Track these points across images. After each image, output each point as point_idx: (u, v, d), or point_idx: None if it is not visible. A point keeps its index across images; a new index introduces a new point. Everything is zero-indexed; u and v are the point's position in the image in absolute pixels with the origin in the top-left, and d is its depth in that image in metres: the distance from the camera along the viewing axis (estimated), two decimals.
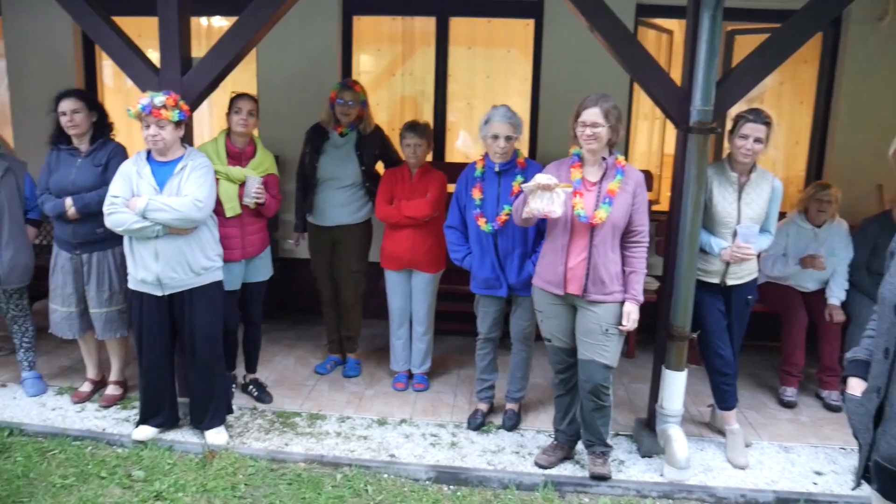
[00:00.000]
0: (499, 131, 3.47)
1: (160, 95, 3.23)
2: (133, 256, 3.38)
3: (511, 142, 3.50)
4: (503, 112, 3.49)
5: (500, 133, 3.47)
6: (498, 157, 3.53)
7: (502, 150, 3.49)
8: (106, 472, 3.31)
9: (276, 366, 4.62)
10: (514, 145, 3.55)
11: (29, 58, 5.67)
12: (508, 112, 3.49)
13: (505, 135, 3.46)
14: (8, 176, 3.85)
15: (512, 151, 3.55)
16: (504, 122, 3.46)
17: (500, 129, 3.47)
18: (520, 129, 3.54)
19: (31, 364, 4.20)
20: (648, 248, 3.16)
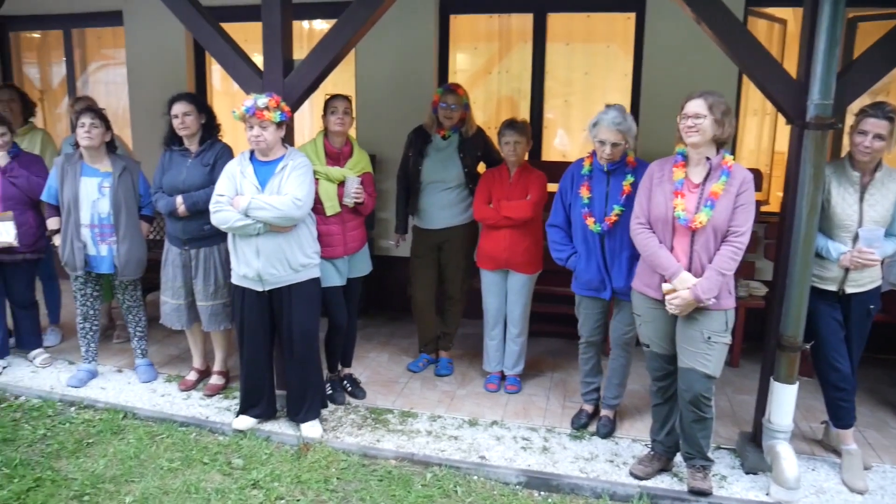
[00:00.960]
0: (605, 138, 3.34)
1: (263, 97, 3.33)
2: (236, 253, 3.52)
3: (617, 148, 3.36)
4: (613, 117, 3.31)
5: (605, 139, 3.34)
6: (604, 161, 3.41)
7: (608, 156, 3.37)
8: (208, 458, 3.46)
9: (370, 362, 4.69)
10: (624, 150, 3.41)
11: (146, 65, 6.03)
12: (619, 117, 3.31)
13: (611, 142, 3.34)
14: (125, 175, 4.10)
15: (620, 154, 3.41)
16: (612, 129, 3.31)
17: (606, 136, 3.33)
18: (632, 135, 3.37)
19: (143, 352, 4.47)
20: (742, 251, 2.90)
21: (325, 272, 3.74)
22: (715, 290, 2.87)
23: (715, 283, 2.86)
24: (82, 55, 6.65)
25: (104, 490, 3.18)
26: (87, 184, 4.04)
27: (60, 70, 6.74)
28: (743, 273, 4.62)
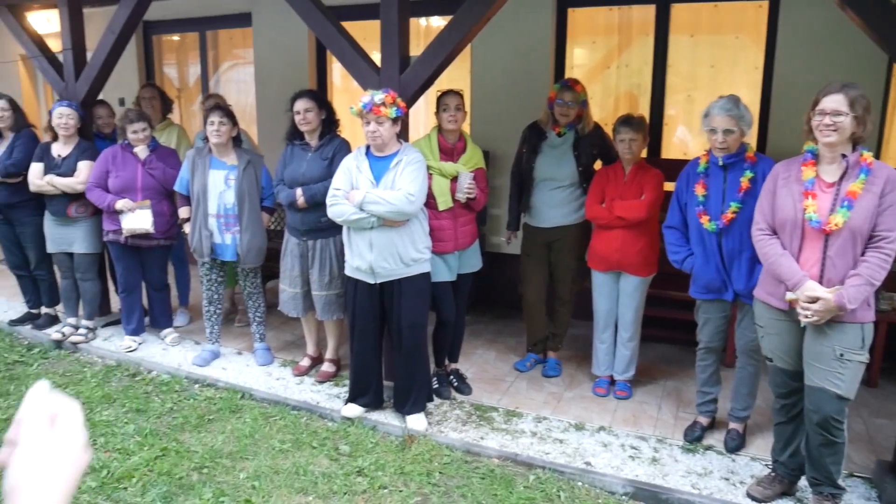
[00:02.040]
0: (716, 125, 3.17)
1: (379, 94, 3.39)
2: (350, 245, 3.61)
3: (731, 136, 3.17)
4: (722, 104, 3.17)
5: (717, 127, 3.16)
6: (718, 152, 3.23)
7: (720, 144, 3.18)
8: (317, 442, 3.58)
9: (477, 359, 4.68)
10: (741, 139, 3.22)
11: (272, 64, 6.32)
12: (729, 104, 3.16)
13: (723, 128, 3.15)
14: (249, 168, 4.31)
15: (737, 145, 3.21)
16: (723, 115, 3.15)
17: (717, 123, 3.16)
18: (746, 122, 3.18)
19: (261, 337, 4.69)
20: (892, 258, 2.61)
21: (435, 267, 3.76)
22: (860, 301, 2.62)
23: (862, 293, 2.61)
24: (215, 56, 7.07)
25: (221, 465, 3.36)
26: (215, 176, 4.28)
27: (196, 70, 7.20)
28: (884, 284, 4.22)
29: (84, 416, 2.60)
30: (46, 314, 5.30)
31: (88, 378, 4.40)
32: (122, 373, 4.51)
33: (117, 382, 4.36)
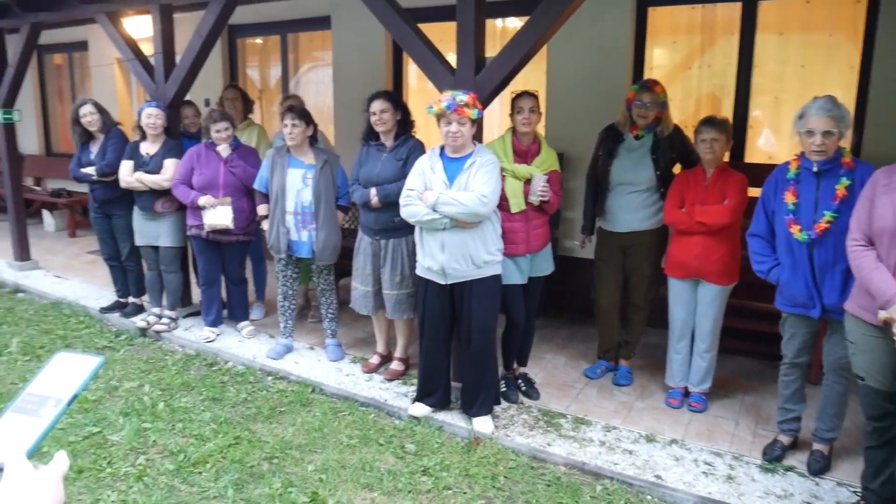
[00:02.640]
0: (814, 126, 2.99)
1: (461, 94, 3.39)
2: (422, 245, 3.62)
3: (830, 138, 2.99)
4: (821, 104, 2.98)
5: (815, 128, 2.99)
6: (815, 156, 3.05)
7: (818, 147, 3.00)
8: (384, 439, 3.61)
9: (546, 364, 4.62)
10: (838, 143, 3.04)
11: (350, 65, 6.44)
12: (828, 104, 2.97)
13: (822, 130, 2.97)
14: (326, 168, 4.39)
15: (834, 149, 3.03)
16: (822, 116, 2.96)
17: (815, 124, 2.98)
18: (846, 124, 2.99)
19: (333, 333, 4.77)
20: None
21: (506, 269, 3.73)
22: None
23: None
24: (295, 58, 7.26)
25: (290, 456, 3.43)
26: (293, 175, 4.39)
27: (277, 72, 7.42)
28: None
29: (165, 401, 2.69)
30: (133, 303, 5.57)
31: (169, 365, 4.59)
32: (200, 362, 4.69)
33: (196, 371, 4.53)
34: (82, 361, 0.91)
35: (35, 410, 0.85)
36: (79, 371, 0.90)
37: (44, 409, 0.85)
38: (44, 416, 0.85)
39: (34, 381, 0.89)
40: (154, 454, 3.45)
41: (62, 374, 0.89)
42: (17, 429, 0.84)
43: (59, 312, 5.70)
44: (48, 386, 0.88)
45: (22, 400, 0.87)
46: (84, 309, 5.73)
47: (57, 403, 0.86)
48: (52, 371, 0.90)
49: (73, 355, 0.92)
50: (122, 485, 3.17)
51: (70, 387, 0.88)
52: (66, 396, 0.87)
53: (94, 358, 0.91)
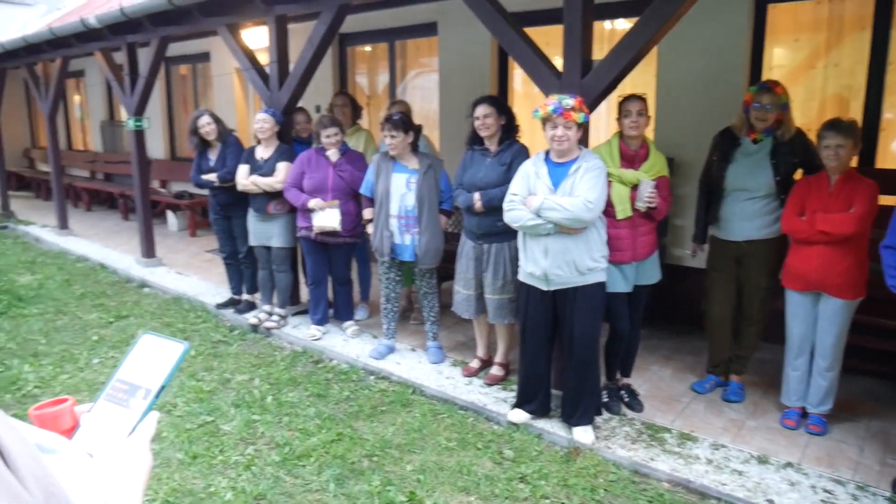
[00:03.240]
0: None
1: (568, 98, 3.34)
2: (525, 251, 3.60)
3: None
4: None
5: None
6: None
7: None
8: (482, 444, 3.60)
9: (651, 375, 4.47)
10: None
11: (455, 71, 6.50)
12: None
13: None
14: (429, 172, 4.45)
15: None
16: None
17: None
18: None
19: (434, 335, 4.82)
20: None
21: (611, 277, 3.64)
22: None
23: None
24: (403, 64, 7.41)
25: (390, 455, 3.49)
26: (397, 179, 4.48)
27: (385, 78, 7.60)
28: None
29: (273, 395, 2.79)
30: (246, 300, 5.86)
31: (278, 361, 4.79)
32: (306, 359, 4.86)
33: (302, 367, 4.70)
34: (168, 347, 0.90)
35: (125, 401, 0.87)
36: (165, 358, 0.89)
37: (133, 401, 0.87)
38: (133, 408, 0.86)
39: (123, 365, 0.90)
40: (262, 445, 3.61)
41: (149, 358, 0.90)
42: (111, 420, 0.86)
43: (180, 307, 6.08)
44: (137, 372, 0.89)
45: (112, 387, 0.88)
46: (202, 304, 6.08)
47: (146, 395, 0.87)
48: (140, 354, 0.90)
49: (159, 338, 0.91)
50: (231, 472, 3.33)
51: (158, 377, 0.88)
52: (154, 387, 0.87)
53: (178, 344, 0.90)
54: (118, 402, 0.87)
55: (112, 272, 7.41)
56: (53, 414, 0.86)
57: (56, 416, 0.86)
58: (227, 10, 5.48)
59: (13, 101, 13.73)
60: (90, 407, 0.88)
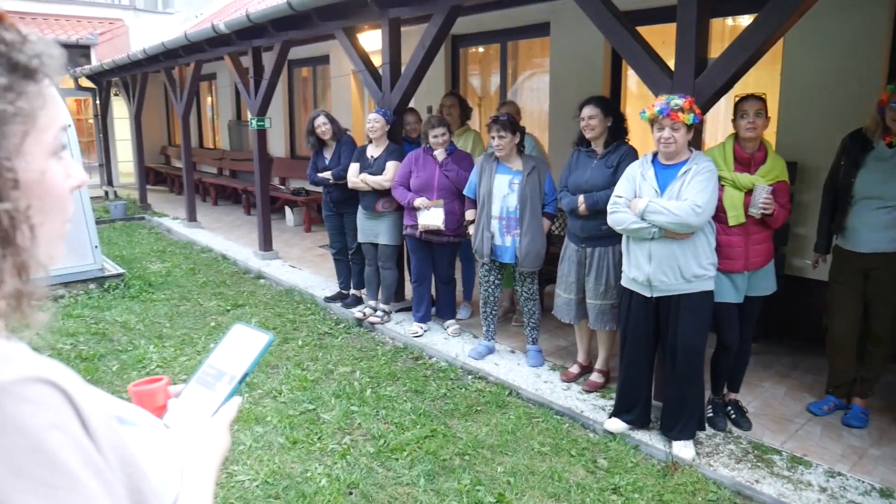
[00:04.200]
0: None
1: (676, 98, 3.22)
2: (628, 255, 3.49)
3: None
4: None
5: None
6: None
7: None
8: (575, 451, 3.53)
9: (763, 392, 4.21)
10: None
11: (567, 71, 6.40)
12: None
13: None
14: (533, 174, 4.42)
15: None
16: None
17: None
18: None
19: (534, 339, 4.77)
20: None
21: (720, 286, 3.46)
22: None
23: None
24: (514, 65, 7.39)
25: (481, 455, 3.49)
26: (500, 180, 4.47)
27: (496, 79, 7.61)
28: None
29: (372, 388, 2.85)
30: (353, 295, 6.05)
31: (379, 356, 4.92)
32: (407, 355, 4.96)
33: (402, 363, 4.80)
34: (255, 337, 0.96)
35: (212, 384, 0.93)
36: (251, 347, 0.95)
37: (219, 385, 0.93)
38: (218, 391, 0.93)
39: (215, 352, 0.97)
40: (358, 436, 3.71)
41: (238, 347, 0.96)
42: (199, 401, 0.93)
43: (291, 298, 6.37)
44: (225, 359, 0.95)
45: (203, 371, 0.95)
46: (312, 297, 6.34)
47: (230, 381, 0.93)
48: (230, 342, 0.97)
49: (249, 329, 0.97)
50: (328, 459, 3.45)
51: (242, 364, 0.94)
52: (238, 374, 0.93)
53: (264, 335, 0.96)
54: (206, 385, 0.94)
55: (232, 263, 7.87)
56: (149, 391, 0.93)
57: (152, 393, 0.93)
58: (344, 14, 5.68)
59: (153, 103, 14.90)
60: (183, 387, 0.95)
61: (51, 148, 0.71)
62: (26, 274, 0.67)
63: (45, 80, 0.70)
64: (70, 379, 0.63)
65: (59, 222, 0.73)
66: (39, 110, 0.69)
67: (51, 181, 0.70)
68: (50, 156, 0.71)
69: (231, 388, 0.93)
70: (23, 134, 0.67)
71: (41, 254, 0.70)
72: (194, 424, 0.89)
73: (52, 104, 0.71)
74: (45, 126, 0.70)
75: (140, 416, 0.80)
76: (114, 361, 4.78)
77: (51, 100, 0.71)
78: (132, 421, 0.77)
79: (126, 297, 6.39)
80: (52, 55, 0.70)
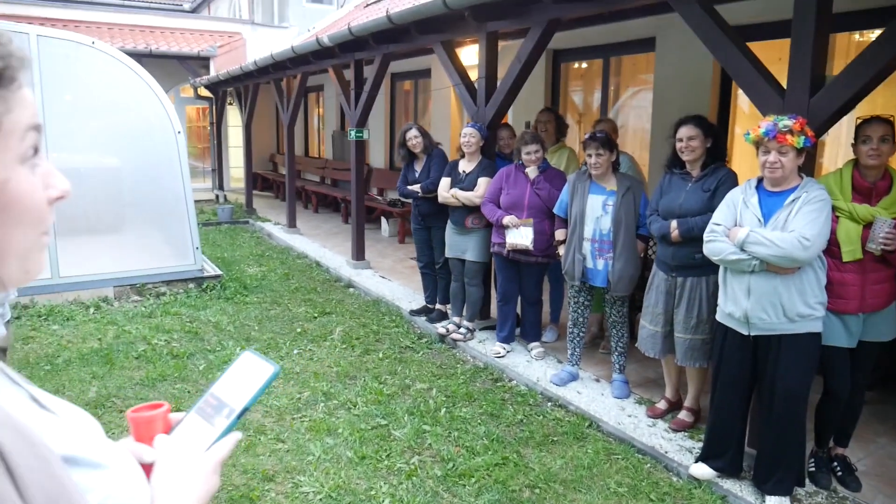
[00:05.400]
0: None
1: (785, 119, 2.95)
2: (725, 288, 3.23)
3: None
4: None
5: None
6: None
7: None
8: (655, 495, 3.28)
9: (876, 450, 3.77)
10: None
11: (671, 88, 6.11)
12: None
13: None
14: (628, 195, 4.20)
15: None
16: None
17: None
18: None
19: (621, 368, 4.53)
20: None
21: (829, 328, 3.13)
22: None
23: None
24: (617, 81, 7.15)
25: (553, 490, 3.31)
26: (593, 201, 4.28)
27: (599, 95, 7.38)
28: None
29: (447, 407, 2.71)
30: (439, 310, 5.99)
31: (458, 374, 4.81)
32: (486, 375, 4.83)
33: (480, 384, 4.67)
34: (261, 368, 0.90)
35: (211, 417, 0.88)
36: (256, 378, 0.89)
37: (218, 419, 0.87)
38: (216, 425, 0.87)
39: (220, 380, 0.91)
40: (427, 456, 3.62)
41: (244, 377, 0.90)
42: (195, 433, 0.87)
43: (377, 309, 6.39)
44: (229, 389, 0.90)
45: (205, 401, 0.90)
46: (397, 309, 6.34)
47: (229, 414, 0.87)
48: (237, 371, 0.91)
49: (256, 358, 0.92)
50: (394, 479, 3.37)
51: (244, 396, 0.88)
52: (238, 408, 0.88)
53: (270, 366, 0.90)
54: (206, 416, 0.89)
55: (325, 270, 8.03)
56: (147, 419, 0.89)
57: (150, 420, 0.89)
58: (442, 28, 5.67)
59: (264, 112, 15.59)
60: (183, 416, 0.90)
61: (17, 154, 0.66)
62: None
63: (15, 83, 0.65)
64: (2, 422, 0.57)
65: (31, 234, 0.68)
66: (4, 115, 0.64)
67: (15, 191, 0.65)
68: (17, 163, 0.66)
69: (229, 422, 0.87)
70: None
71: (3, 269, 0.66)
72: (180, 461, 0.82)
73: (19, 108, 0.66)
74: (10, 131, 0.65)
75: (109, 457, 0.73)
76: (201, 360, 4.94)
77: (18, 103, 0.66)
78: (97, 462, 0.70)
79: (221, 298, 6.63)
80: (16, 56, 0.65)
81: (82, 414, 0.79)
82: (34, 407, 0.70)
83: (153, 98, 6.71)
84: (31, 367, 4.78)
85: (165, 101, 6.79)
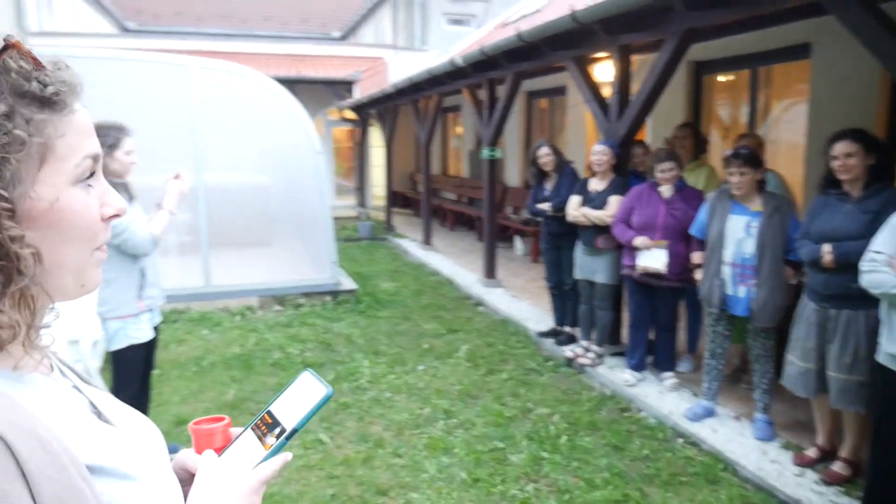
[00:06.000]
0: None
1: None
2: (890, 325, 2.84)
3: None
4: None
5: None
6: None
7: None
8: None
9: None
10: None
11: (831, 99, 5.57)
12: None
13: None
14: (775, 216, 3.84)
15: None
16: None
17: None
18: None
19: (765, 407, 4.12)
20: None
21: None
22: None
23: None
24: (767, 93, 6.63)
25: None
26: (735, 222, 3.96)
27: (747, 109, 6.89)
28: None
29: (568, 435, 2.57)
30: (567, 333, 5.81)
31: (583, 401, 4.61)
32: (613, 404, 4.59)
33: (606, 413, 4.44)
34: (315, 389, 0.90)
35: (264, 435, 0.89)
36: (309, 399, 0.89)
37: (269, 438, 0.88)
38: (266, 445, 0.88)
39: (279, 399, 0.92)
40: (543, 485, 3.47)
41: (300, 397, 0.90)
42: (248, 450, 0.88)
43: (505, 329, 6.31)
44: (284, 409, 0.90)
45: (261, 419, 0.91)
46: (525, 330, 6.22)
47: (280, 434, 0.88)
48: (295, 390, 0.91)
49: (313, 379, 0.91)
50: None
51: (295, 417, 0.88)
52: (288, 429, 0.88)
53: (323, 388, 0.90)
54: (259, 434, 0.90)
55: (456, 287, 8.07)
56: (208, 431, 0.92)
57: (210, 433, 0.92)
58: (573, 44, 5.54)
59: (405, 132, 16.09)
60: (241, 431, 0.92)
61: (72, 176, 0.70)
62: (26, 302, 0.66)
63: (66, 108, 0.69)
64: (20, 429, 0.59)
65: (84, 250, 0.72)
66: (57, 139, 0.68)
67: (65, 209, 0.69)
68: (71, 184, 0.69)
69: (278, 442, 0.87)
70: (38, 161, 0.66)
71: (59, 282, 0.70)
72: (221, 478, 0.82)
73: (74, 133, 0.70)
74: (65, 155, 0.69)
75: (144, 470, 0.73)
76: (330, 371, 5.10)
77: (74, 128, 0.70)
78: (128, 473, 0.70)
79: (355, 312, 6.84)
80: (68, 83, 0.68)
81: (144, 424, 0.83)
82: (87, 414, 0.73)
83: (296, 121, 7.11)
84: (181, 367, 5.17)
85: (308, 123, 7.17)
